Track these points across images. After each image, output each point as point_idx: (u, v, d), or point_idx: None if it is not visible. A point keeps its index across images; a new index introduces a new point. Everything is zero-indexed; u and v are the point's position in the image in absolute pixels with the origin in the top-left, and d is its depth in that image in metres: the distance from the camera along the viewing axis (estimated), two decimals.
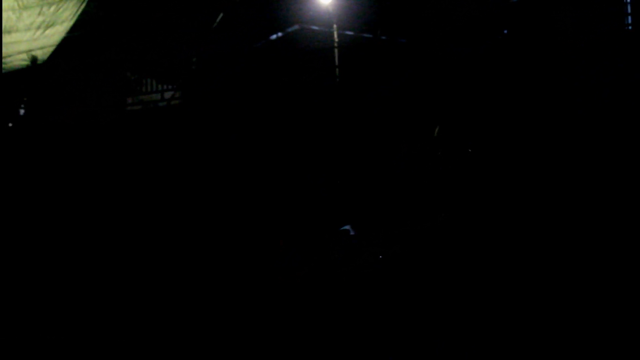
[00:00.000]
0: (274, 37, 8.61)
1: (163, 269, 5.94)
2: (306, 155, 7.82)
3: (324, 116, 8.20)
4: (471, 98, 8.02)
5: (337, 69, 8.60)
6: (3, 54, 8.10)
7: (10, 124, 9.31)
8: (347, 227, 6.06)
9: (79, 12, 8.98)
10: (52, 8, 8.26)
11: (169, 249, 6.39)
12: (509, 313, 4.49)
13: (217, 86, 8.57)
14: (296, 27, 8.63)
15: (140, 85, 8.88)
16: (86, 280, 5.72)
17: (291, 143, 7.98)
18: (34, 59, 8.92)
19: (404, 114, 7.96)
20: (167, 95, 8.73)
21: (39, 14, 8.21)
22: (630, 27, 9.02)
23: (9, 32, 8.23)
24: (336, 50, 8.64)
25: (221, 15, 8.66)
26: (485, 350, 4.05)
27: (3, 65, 8.19)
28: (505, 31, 8.96)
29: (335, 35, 8.69)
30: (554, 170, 6.72)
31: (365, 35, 8.73)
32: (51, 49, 9.08)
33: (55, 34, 8.95)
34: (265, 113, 8.41)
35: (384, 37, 8.64)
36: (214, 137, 8.22)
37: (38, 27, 8.45)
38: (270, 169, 7.88)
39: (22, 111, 9.44)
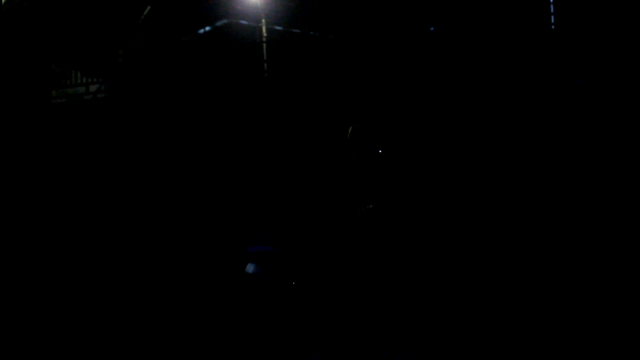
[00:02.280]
0: (202, 31, 8.55)
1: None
2: (229, 152, 7.82)
3: (251, 114, 8.22)
4: (391, 98, 8.14)
5: (265, 64, 8.62)
6: None
7: None
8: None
9: (2, 2, 8.76)
10: None
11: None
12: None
13: (144, 80, 8.49)
14: (225, 21, 8.59)
15: (65, 78, 8.72)
16: None
17: (214, 140, 7.97)
18: None
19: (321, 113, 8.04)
20: (93, 88, 8.59)
21: None
22: (553, 27, 9.30)
23: None
24: (264, 45, 8.65)
25: (149, 8, 8.56)
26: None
27: None
28: (432, 28, 9.13)
29: (264, 30, 8.70)
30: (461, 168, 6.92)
31: (294, 30, 8.76)
32: None
33: None
34: (193, 109, 8.39)
35: (312, 33, 8.69)
36: (139, 132, 8.15)
37: None
38: (195, 165, 7.86)
39: None
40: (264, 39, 8.65)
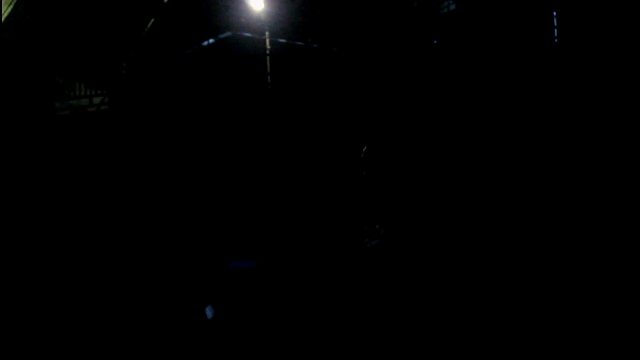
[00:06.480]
0: (205, 43, 8.58)
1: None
2: (224, 159, 7.80)
3: (254, 131, 8.20)
4: (400, 114, 8.11)
5: (268, 76, 8.63)
6: None
7: None
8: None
9: (6, 15, 8.81)
10: None
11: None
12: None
13: (147, 92, 8.51)
14: (228, 33, 8.61)
15: (69, 90, 8.73)
16: None
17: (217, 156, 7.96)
18: None
19: (332, 129, 8.01)
20: (97, 100, 8.60)
21: None
22: (556, 40, 9.29)
23: None
24: (268, 58, 8.66)
25: (152, 20, 8.60)
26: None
27: None
28: (435, 41, 9.13)
29: (267, 43, 8.71)
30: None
31: (297, 42, 8.77)
32: None
33: None
34: (196, 123, 8.38)
35: (315, 45, 8.71)
36: (140, 143, 8.15)
37: None
38: (199, 179, 7.84)
39: None
40: (268, 51, 8.67)
